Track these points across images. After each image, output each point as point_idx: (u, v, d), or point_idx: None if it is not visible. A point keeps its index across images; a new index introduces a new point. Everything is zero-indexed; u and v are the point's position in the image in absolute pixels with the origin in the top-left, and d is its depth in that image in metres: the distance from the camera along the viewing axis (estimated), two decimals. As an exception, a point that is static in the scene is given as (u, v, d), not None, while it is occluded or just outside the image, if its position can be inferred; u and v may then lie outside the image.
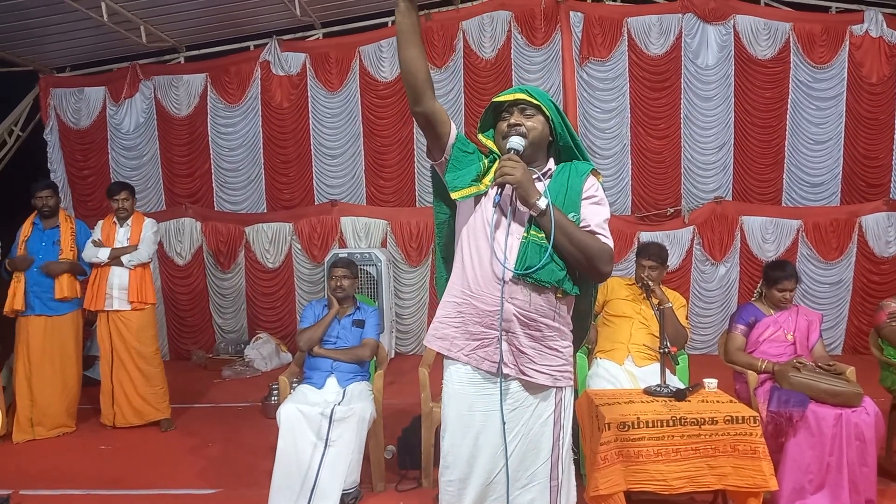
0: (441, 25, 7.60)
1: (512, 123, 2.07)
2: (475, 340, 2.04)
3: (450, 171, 2.07)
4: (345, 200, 7.76)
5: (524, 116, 2.08)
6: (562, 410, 2.10)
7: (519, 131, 2.05)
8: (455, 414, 2.08)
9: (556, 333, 2.07)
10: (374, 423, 3.65)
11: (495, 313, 1.99)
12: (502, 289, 1.97)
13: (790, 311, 3.75)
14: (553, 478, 2.07)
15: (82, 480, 3.99)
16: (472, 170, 2.07)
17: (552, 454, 2.07)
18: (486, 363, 2.02)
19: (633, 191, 7.64)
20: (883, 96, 7.36)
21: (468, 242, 2.08)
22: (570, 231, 1.97)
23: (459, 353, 2.05)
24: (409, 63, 1.94)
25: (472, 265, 2.05)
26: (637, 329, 3.77)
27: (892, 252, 7.21)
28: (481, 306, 2.02)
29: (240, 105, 7.82)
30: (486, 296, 2.01)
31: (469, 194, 2.05)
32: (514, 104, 2.10)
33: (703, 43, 7.45)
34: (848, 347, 7.33)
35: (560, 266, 1.99)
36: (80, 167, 8.02)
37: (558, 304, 2.05)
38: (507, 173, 1.94)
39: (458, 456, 2.05)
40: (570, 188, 2.06)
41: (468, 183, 2.05)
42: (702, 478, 2.82)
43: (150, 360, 4.97)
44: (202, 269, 7.80)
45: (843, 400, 3.25)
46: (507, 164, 1.95)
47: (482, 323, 2.02)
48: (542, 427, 2.06)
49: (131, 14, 6.76)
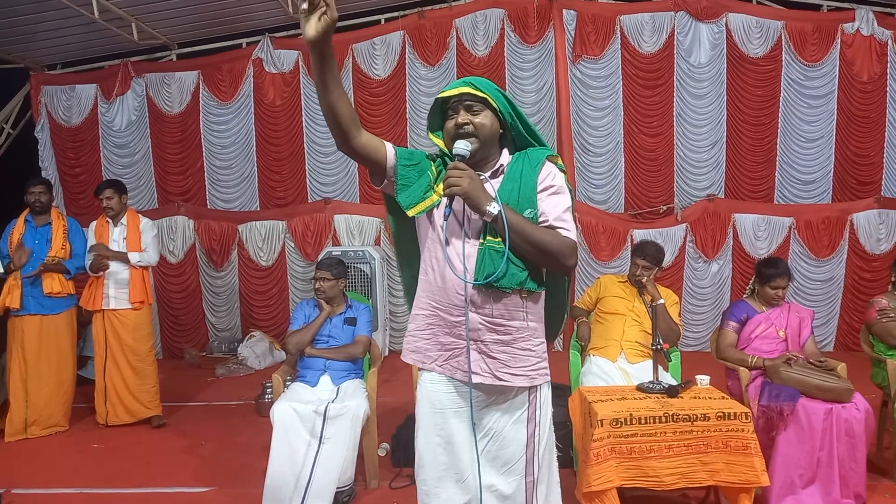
0: (434, 23, 7.60)
1: (459, 123, 1.99)
2: (447, 351, 2.02)
3: (400, 190, 1.99)
4: (338, 198, 7.76)
5: (471, 113, 2.00)
6: (536, 408, 2.07)
7: (467, 131, 1.98)
8: (428, 413, 2.07)
9: (528, 333, 2.03)
10: (368, 420, 3.65)
11: (462, 324, 1.97)
12: (466, 299, 1.95)
13: (782, 308, 3.77)
14: (528, 473, 2.06)
15: (75, 479, 3.97)
16: (422, 182, 2.00)
17: (527, 451, 2.06)
18: (459, 373, 2.00)
19: (626, 188, 7.66)
20: (874, 94, 7.40)
21: (429, 254, 2.05)
22: (526, 232, 1.91)
23: (433, 364, 2.04)
24: (332, 108, 1.84)
25: (434, 277, 2.03)
26: (630, 326, 3.78)
27: (883, 249, 7.26)
28: (448, 317, 2.00)
29: (232, 103, 7.80)
30: (452, 307, 1.99)
31: (425, 208, 1.99)
32: (460, 100, 2.01)
33: (695, 41, 7.47)
34: (839, 344, 7.38)
35: (520, 268, 1.95)
36: (72, 165, 7.98)
37: (525, 304, 2.01)
38: (454, 184, 1.87)
39: (431, 455, 2.05)
40: (524, 183, 1.99)
41: (421, 196, 1.99)
42: (694, 474, 2.85)
43: (143, 358, 4.96)
44: (195, 267, 7.78)
45: (833, 395, 3.27)
46: (452, 175, 1.88)
47: (451, 333, 2.01)
48: (514, 425, 2.05)
49: (122, 11, 6.73)
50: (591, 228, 7.36)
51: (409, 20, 7.67)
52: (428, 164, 2.05)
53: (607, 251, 7.35)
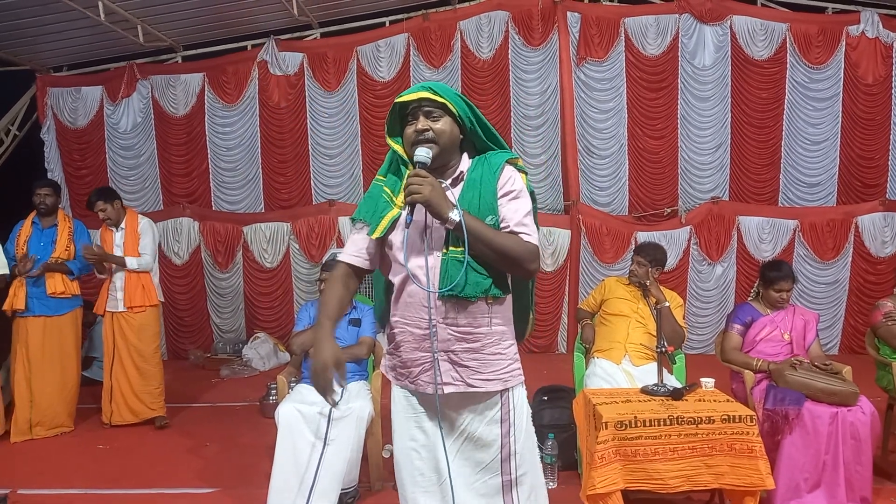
0: (439, 26, 7.62)
1: (419, 129, 1.96)
2: (417, 367, 2.02)
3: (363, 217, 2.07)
4: (343, 200, 7.77)
5: (431, 119, 1.97)
6: (510, 409, 2.06)
7: (427, 137, 1.96)
8: (402, 419, 2.09)
9: (497, 338, 2.02)
10: (373, 422, 3.65)
11: (429, 336, 1.97)
12: (430, 311, 1.95)
13: (787, 311, 3.76)
14: (505, 472, 2.05)
15: (80, 480, 3.98)
16: (379, 202, 2.04)
17: (501, 451, 2.05)
18: (431, 387, 1.99)
19: (630, 191, 7.66)
20: (879, 97, 7.40)
21: (394, 269, 2.05)
22: (488, 239, 1.90)
23: (406, 381, 2.06)
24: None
25: (399, 291, 2.02)
26: (634, 328, 3.78)
27: (888, 252, 7.24)
28: (416, 331, 1.99)
29: (237, 105, 7.83)
30: (419, 320, 1.99)
31: (386, 224, 2.00)
32: (419, 106, 1.98)
33: (699, 43, 7.47)
34: (844, 347, 7.37)
35: (484, 275, 1.94)
36: (78, 167, 8.01)
37: (491, 309, 2.00)
38: (415, 192, 1.86)
39: (407, 461, 2.07)
40: (484, 189, 1.98)
41: (380, 216, 2.01)
42: (699, 477, 2.84)
43: (148, 359, 4.97)
44: (200, 268, 7.80)
45: (839, 399, 3.26)
46: (413, 182, 1.86)
47: (419, 348, 2.00)
48: (487, 426, 2.05)
49: (128, 13, 6.76)
50: (594, 231, 7.36)
51: (414, 22, 7.69)
52: (378, 187, 2.08)
53: (611, 253, 7.35)
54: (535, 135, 7.67)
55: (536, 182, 7.43)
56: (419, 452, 2.06)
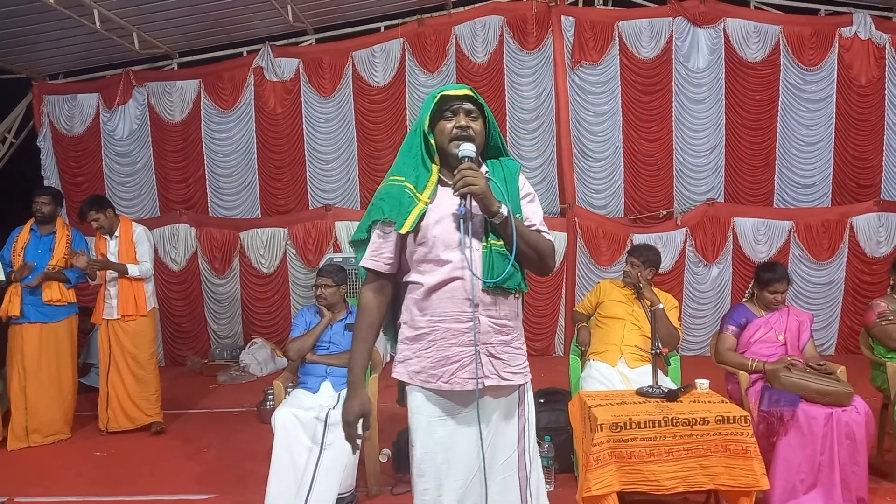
0: (434, 31, 7.64)
1: (462, 125, 2.01)
2: (454, 363, 2.00)
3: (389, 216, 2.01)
4: (339, 205, 7.78)
5: (470, 118, 2.03)
6: (525, 404, 2.12)
7: (468, 134, 2.00)
8: (425, 422, 2.05)
9: (520, 331, 2.12)
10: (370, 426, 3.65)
11: (471, 329, 1.98)
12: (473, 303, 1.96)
13: (781, 312, 3.77)
14: (521, 468, 2.09)
15: (78, 487, 3.98)
16: (403, 199, 2.00)
17: (518, 445, 2.09)
18: (471, 382, 1.99)
19: (625, 193, 7.69)
20: (872, 98, 7.44)
21: (423, 267, 2.01)
22: (525, 234, 1.99)
23: (438, 382, 2.01)
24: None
25: (435, 288, 1.99)
26: (629, 330, 3.79)
27: (883, 252, 7.27)
28: (455, 325, 1.99)
29: (233, 111, 7.84)
30: (459, 314, 1.99)
31: (414, 220, 1.97)
32: (461, 103, 2.04)
33: (693, 46, 7.51)
34: (840, 347, 7.39)
35: (517, 269, 2.02)
36: (74, 174, 8.02)
37: (517, 304, 2.10)
38: (472, 184, 1.88)
39: (432, 463, 2.03)
40: (510, 189, 2.05)
41: (406, 211, 1.98)
42: (694, 478, 2.85)
43: (144, 365, 4.97)
44: (197, 274, 7.80)
45: (833, 399, 3.28)
46: (468, 174, 1.89)
47: (458, 343, 1.99)
48: (510, 421, 2.09)
49: (124, 21, 6.77)
50: (591, 233, 7.37)
51: (409, 27, 7.71)
52: (397, 186, 2.03)
53: (607, 256, 7.36)
54: (531, 138, 7.69)
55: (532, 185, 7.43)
56: (444, 455, 2.03)
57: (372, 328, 2.07)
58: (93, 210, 4.84)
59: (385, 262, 2.05)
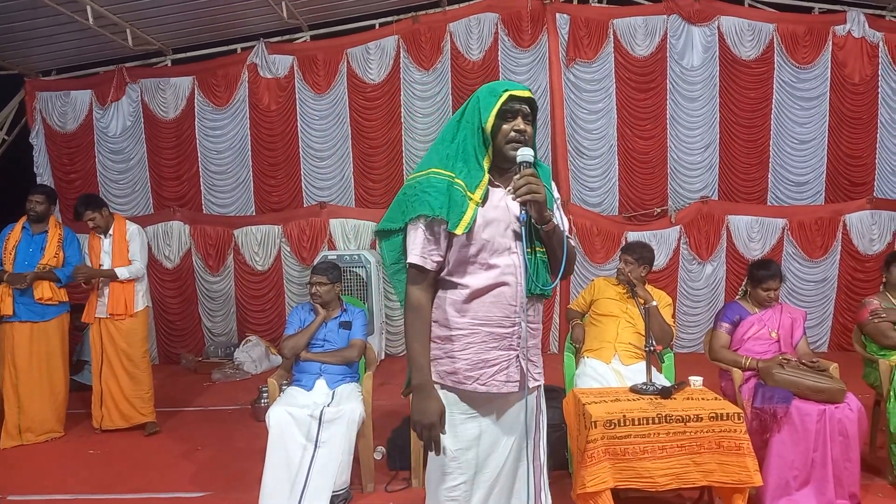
0: (428, 27, 7.63)
1: (521, 129, 1.97)
2: (492, 367, 2.00)
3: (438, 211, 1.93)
4: (334, 202, 7.77)
5: (526, 123, 1.99)
6: (540, 397, 2.17)
7: (525, 139, 1.96)
8: (458, 420, 2.03)
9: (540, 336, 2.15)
10: (364, 424, 3.66)
11: (513, 334, 2.00)
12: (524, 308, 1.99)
13: (774, 310, 3.79)
14: (536, 457, 2.14)
15: (71, 485, 3.97)
16: (454, 196, 1.93)
17: (535, 435, 2.14)
18: (508, 385, 2.01)
19: (620, 191, 7.69)
20: (865, 96, 7.46)
21: (467, 268, 1.99)
22: (563, 241, 2.02)
23: (474, 384, 2.00)
24: None
25: (479, 292, 1.98)
26: (624, 328, 3.80)
27: (875, 250, 7.30)
28: (498, 330, 1.99)
29: (227, 108, 7.82)
30: (503, 319, 1.99)
31: (468, 222, 1.92)
32: (521, 106, 1.98)
33: (688, 44, 7.52)
34: (833, 344, 7.42)
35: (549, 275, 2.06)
36: (67, 171, 7.98)
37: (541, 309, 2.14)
38: (535, 191, 1.87)
39: (463, 461, 2.02)
40: (548, 195, 2.00)
41: (461, 211, 1.92)
42: (688, 474, 2.86)
43: (137, 363, 4.95)
44: (191, 272, 7.78)
45: (826, 396, 3.29)
46: (533, 181, 1.87)
47: (499, 347, 2.00)
48: (532, 419, 2.12)
49: (117, 17, 6.73)
50: (585, 231, 7.38)
51: (404, 25, 7.70)
52: (444, 181, 1.95)
53: (601, 253, 7.38)
54: (526, 136, 7.68)
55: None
56: (475, 451, 2.03)
57: (427, 326, 2.01)
58: (89, 209, 4.83)
59: (434, 261, 1.98)
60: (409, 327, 2.00)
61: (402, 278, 2.08)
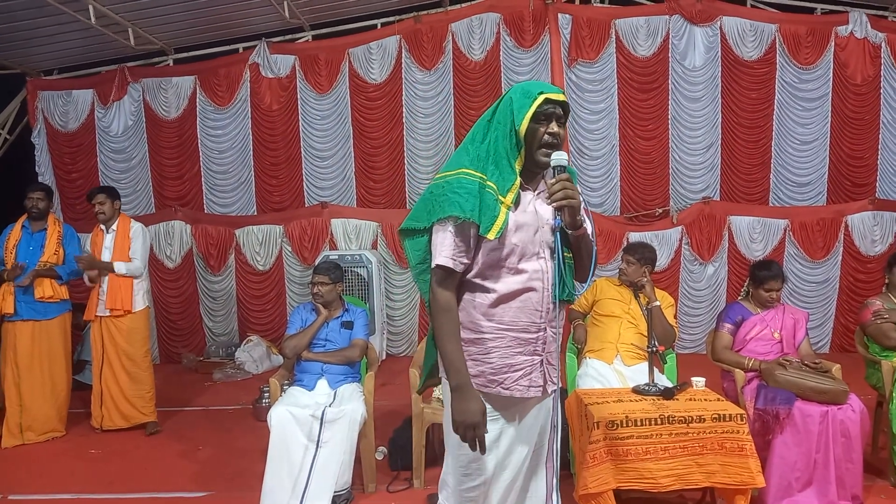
0: (430, 27, 7.62)
1: (556, 133, 1.94)
2: (516, 371, 1.99)
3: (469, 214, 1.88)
4: (335, 202, 7.77)
5: (560, 126, 1.96)
6: (557, 399, 2.16)
7: (557, 143, 1.94)
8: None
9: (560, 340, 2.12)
10: (366, 424, 3.65)
11: (538, 340, 2.00)
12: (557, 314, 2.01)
13: (776, 310, 3.79)
14: (549, 459, 2.15)
15: (72, 484, 3.97)
16: (486, 199, 1.89)
17: (549, 437, 2.15)
18: (531, 390, 2.01)
19: (621, 191, 7.68)
20: (868, 96, 7.45)
21: (495, 272, 1.96)
22: (590, 247, 2.02)
23: (497, 387, 1.99)
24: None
25: (506, 297, 1.96)
26: (626, 328, 3.80)
27: (877, 251, 7.29)
28: (524, 336, 1.98)
29: (229, 107, 7.81)
30: (528, 325, 1.98)
31: (501, 226, 1.89)
32: (554, 109, 1.95)
33: (690, 44, 7.50)
34: (835, 345, 7.41)
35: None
36: (69, 170, 7.98)
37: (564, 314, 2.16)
38: (571, 196, 1.85)
39: (483, 464, 2.02)
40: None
41: (493, 215, 1.89)
42: (690, 475, 2.86)
43: (138, 363, 4.95)
44: (192, 272, 7.78)
45: (829, 397, 3.29)
46: (568, 187, 1.85)
47: (524, 352, 1.99)
48: (546, 418, 2.14)
49: (119, 17, 6.73)
50: (587, 231, 7.36)
51: (405, 25, 7.69)
52: (475, 183, 1.91)
53: (603, 254, 7.37)
54: (527, 136, 7.67)
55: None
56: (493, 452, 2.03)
57: (458, 327, 1.97)
58: (103, 194, 4.90)
59: (462, 263, 1.95)
60: (440, 329, 1.95)
61: (426, 278, 2.03)
